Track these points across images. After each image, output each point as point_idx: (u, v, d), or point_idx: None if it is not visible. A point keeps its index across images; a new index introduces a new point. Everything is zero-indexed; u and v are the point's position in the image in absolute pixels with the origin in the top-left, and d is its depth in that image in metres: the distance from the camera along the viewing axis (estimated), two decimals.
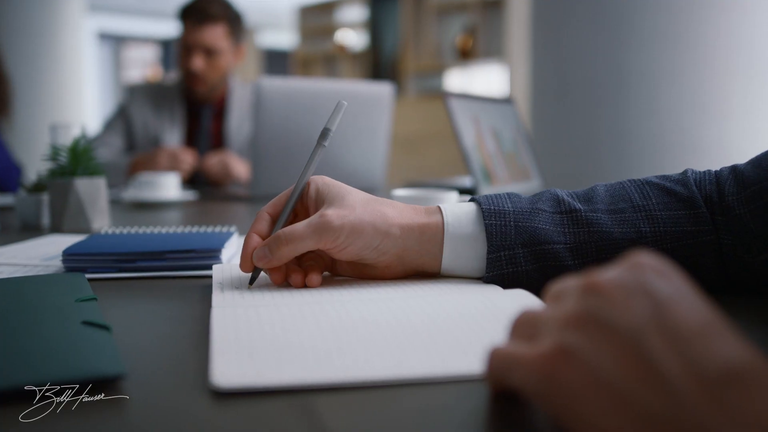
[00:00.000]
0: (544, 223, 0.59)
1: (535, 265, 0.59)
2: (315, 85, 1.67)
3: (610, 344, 0.28)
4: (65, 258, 0.70)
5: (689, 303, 0.29)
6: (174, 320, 0.53)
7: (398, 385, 0.38)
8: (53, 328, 0.46)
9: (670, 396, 0.26)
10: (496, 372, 0.34)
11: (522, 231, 0.59)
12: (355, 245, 0.58)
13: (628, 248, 0.57)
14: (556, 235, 0.59)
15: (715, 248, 0.58)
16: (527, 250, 0.59)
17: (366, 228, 0.58)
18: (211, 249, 0.71)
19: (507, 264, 0.59)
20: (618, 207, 0.60)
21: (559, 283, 0.35)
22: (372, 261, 0.60)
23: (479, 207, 0.61)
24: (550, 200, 0.61)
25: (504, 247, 0.59)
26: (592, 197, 0.61)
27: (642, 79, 1.90)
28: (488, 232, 0.59)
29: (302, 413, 0.34)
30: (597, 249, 0.58)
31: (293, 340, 0.43)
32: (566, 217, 0.59)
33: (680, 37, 1.86)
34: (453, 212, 0.61)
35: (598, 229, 0.59)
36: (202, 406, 0.35)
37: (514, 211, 0.60)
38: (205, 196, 1.72)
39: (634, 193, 0.61)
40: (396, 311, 0.49)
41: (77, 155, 1.04)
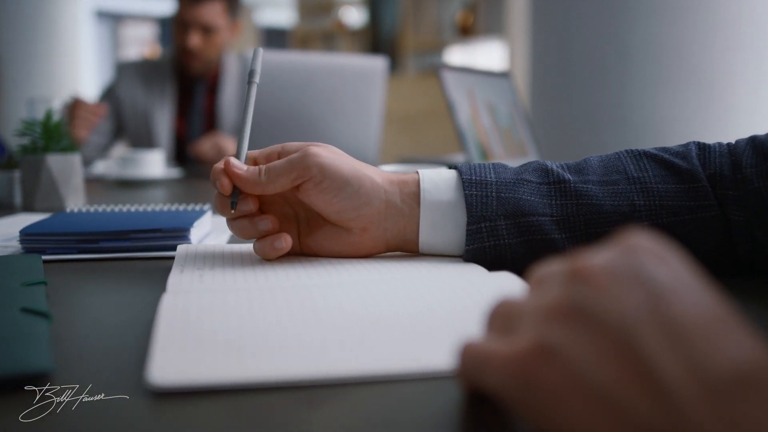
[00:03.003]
0: (530, 194, 0.56)
1: (519, 238, 0.55)
2: (306, 59, 1.62)
3: (598, 341, 0.24)
4: (23, 238, 0.66)
5: (691, 293, 0.25)
6: (129, 307, 0.49)
7: (363, 383, 0.34)
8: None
9: (668, 403, 0.22)
10: (468, 371, 0.30)
11: (504, 202, 0.55)
12: (335, 184, 0.55)
13: (620, 222, 0.54)
14: (542, 206, 0.55)
15: (718, 225, 0.55)
16: (510, 222, 0.55)
17: (346, 167, 0.56)
18: (179, 228, 0.67)
19: (488, 236, 0.55)
20: (611, 178, 0.56)
21: (543, 267, 0.30)
22: (352, 217, 0.56)
23: (459, 176, 0.57)
24: (538, 170, 0.57)
25: (485, 218, 0.55)
26: (583, 168, 0.57)
27: (644, 54, 1.86)
28: (468, 202, 0.55)
29: (252, 416, 0.30)
30: (586, 222, 0.55)
31: (248, 332, 0.39)
32: (554, 188, 0.56)
33: (683, 10, 1.82)
34: (430, 178, 0.57)
35: (587, 201, 0.55)
36: (137, 407, 0.31)
37: (497, 182, 0.56)
38: (191, 174, 1.68)
39: (629, 164, 0.57)
40: (365, 298, 0.45)
41: (50, 130, 1.00)
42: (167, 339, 0.37)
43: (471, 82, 1.33)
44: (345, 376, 0.33)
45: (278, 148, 0.60)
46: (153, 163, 1.46)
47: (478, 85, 1.36)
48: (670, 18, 1.86)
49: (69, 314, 0.48)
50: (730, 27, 1.83)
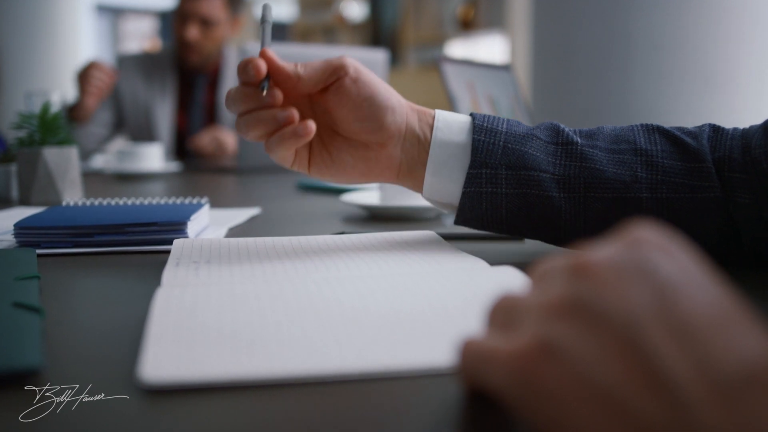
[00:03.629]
0: (536, 150, 0.56)
1: (517, 190, 0.56)
2: (304, 52, 1.60)
3: (602, 338, 0.23)
4: (17, 232, 0.65)
5: (699, 288, 0.24)
6: (124, 301, 0.48)
7: (361, 380, 0.33)
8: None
9: (674, 403, 0.21)
10: (468, 368, 0.29)
11: (510, 152, 0.56)
12: (368, 87, 0.56)
13: (619, 190, 0.55)
14: (546, 164, 0.56)
15: (717, 208, 0.55)
16: (511, 172, 0.56)
17: (375, 77, 0.57)
18: (176, 222, 0.66)
19: (487, 182, 0.56)
20: (619, 147, 0.57)
21: (546, 261, 0.29)
22: (376, 127, 0.56)
23: (473, 121, 0.58)
24: (549, 130, 0.58)
25: (487, 164, 0.56)
26: (594, 134, 0.58)
27: (646, 46, 1.85)
28: (474, 146, 0.56)
29: (251, 415, 0.29)
30: (586, 185, 0.56)
31: (244, 327, 0.38)
32: (561, 148, 0.57)
33: (686, 3, 1.80)
34: (444, 118, 0.58)
35: (590, 165, 0.56)
36: (137, 407, 0.30)
37: (506, 132, 0.57)
38: (190, 168, 1.67)
39: (640, 136, 0.57)
40: (364, 293, 0.44)
41: (46, 123, 0.99)
42: (160, 335, 0.36)
43: (471, 75, 1.32)
44: (343, 373, 0.33)
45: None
46: (152, 156, 1.44)
47: (479, 77, 1.35)
48: (673, 10, 1.84)
49: (63, 309, 0.47)
50: (735, 19, 1.81)
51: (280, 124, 0.54)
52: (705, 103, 1.83)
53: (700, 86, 1.83)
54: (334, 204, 1.01)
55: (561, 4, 2.07)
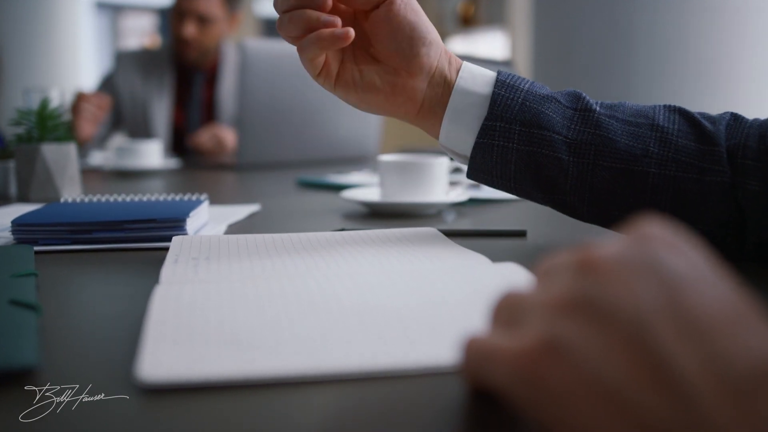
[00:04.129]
0: (553, 112, 0.57)
1: (528, 147, 0.57)
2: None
3: (609, 336, 0.23)
4: (14, 229, 0.64)
5: (708, 284, 0.23)
6: (122, 299, 0.48)
7: (362, 378, 0.32)
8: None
9: (684, 401, 0.21)
10: (472, 366, 0.28)
11: (527, 110, 0.57)
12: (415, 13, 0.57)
13: (628, 161, 0.56)
14: (560, 126, 0.57)
15: (724, 192, 0.55)
16: (525, 129, 0.57)
17: (422, 13, 0.58)
18: (175, 219, 0.65)
19: (499, 136, 0.57)
20: (636, 120, 0.57)
21: (551, 258, 0.28)
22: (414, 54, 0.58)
23: (497, 76, 0.59)
24: (571, 95, 0.59)
25: (503, 118, 0.57)
26: (615, 106, 0.59)
27: (647, 43, 1.84)
28: (492, 99, 0.57)
29: (248, 413, 0.29)
30: (596, 152, 0.56)
31: (243, 325, 0.37)
32: (578, 114, 0.57)
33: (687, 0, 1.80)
34: (470, 70, 0.59)
35: (603, 133, 0.56)
36: (137, 407, 0.30)
37: (527, 90, 0.58)
38: (189, 165, 1.66)
39: (660, 114, 0.58)
40: (365, 290, 0.43)
41: (44, 119, 0.98)
42: (158, 333, 0.36)
43: None
44: (344, 372, 0.32)
45: None
46: (151, 153, 1.44)
47: None
48: (674, 7, 1.84)
49: (61, 306, 0.46)
50: (736, 14, 1.81)
51: (322, 26, 0.55)
52: (706, 98, 1.82)
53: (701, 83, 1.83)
54: (334, 200, 1.00)
55: (562, 1, 2.07)
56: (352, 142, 1.69)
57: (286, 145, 1.55)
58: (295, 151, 1.58)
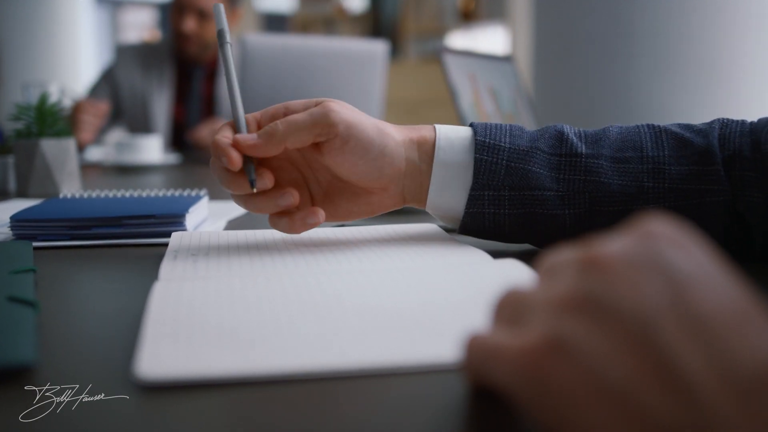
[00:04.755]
0: (539, 167, 0.55)
1: (521, 210, 0.55)
2: (304, 43, 1.59)
3: (613, 334, 0.22)
4: (13, 224, 0.64)
5: (714, 283, 0.23)
6: (122, 295, 0.47)
7: (363, 376, 0.32)
8: None
9: (689, 401, 0.20)
10: (474, 365, 0.28)
11: (513, 172, 0.54)
12: (361, 144, 0.53)
13: (626, 202, 0.54)
14: (549, 180, 0.54)
15: (725, 210, 0.53)
16: (515, 193, 0.55)
17: (369, 127, 0.54)
18: (174, 215, 0.65)
19: (489, 204, 0.55)
20: (625, 155, 0.55)
21: (554, 254, 0.28)
22: (375, 177, 0.55)
23: (474, 136, 0.56)
24: (553, 138, 0.56)
25: (490, 186, 0.55)
26: (600, 139, 0.56)
27: (649, 37, 1.83)
28: (476, 167, 0.55)
29: (248, 411, 0.28)
30: (591, 199, 0.54)
31: (243, 322, 0.37)
32: (564, 161, 0.55)
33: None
34: (446, 137, 0.56)
35: (595, 179, 0.54)
36: (137, 406, 0.29)
37: (509, 149, 0.55)
38: (189, 160, 1.66)
39: (647, 141, 0.56)
40: (365, 287, 0.43)
41: (43, 115, 0.98)
42: (157, 330, 0.35)
43: (473, 66, 1.31)
44: (345, 369, 0.32)
45: (281, 108, 0.56)
46: (150, 148, 1.43)
47: (481, 69, 1.34)
48: (676, 3, 1.83)
49: (60, 303, 0.46)
50: (738, 11, 1.80)
51: (282, 209, 0.54)
52: (708, 94, 1.82)
53: (703, 78, 1.82)
54: None
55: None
56: None
57: None
58: None
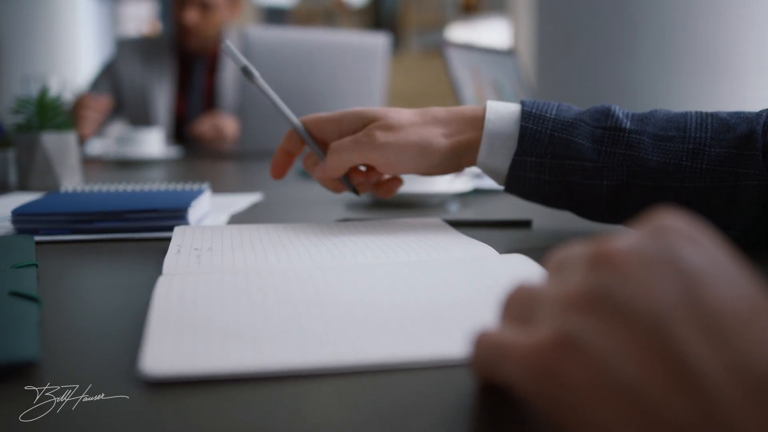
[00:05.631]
0: (582, 138, 0.57)
1: (560, 177, 0.58)
2: (306, 36, 1.58)
3: (626, 332, 0.22)
4: (14, 218, 0.64)
5: (728, 280, 0.22)
6: (124, 290, 0.47)
7: (369, 371, 0.31)
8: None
9: (704, 400, 0.20)
10: (483, 361, 0.27)
11: (556, 141, 0.57)
12: (404, 164, 0.61)
13: (662, 179, 0.56)
14: (590, 152, 0.57)
15: (758, 194, 0.54)
16: (556, 161, 0.57)
17: (413, 144, 0.60)
18: (176, 209, 0.64)
19: (530, 169, 0.58)
20: (667, 134, 0.57)
21: (563, 250, 0.28)
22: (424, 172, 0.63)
23: (522, 108, 0.59)
24: (599, 113, 0.58)
25: (533, 153, 0.58)
26: (646, 118, 0.58)
27: (652, 30, 1.83)
28: (521, 133, 0.58)
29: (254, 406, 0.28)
30: (629, 172, 0.56)
31: (247, 317, 0.36)
32: (607, 134, 0.57)
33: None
34: (497, 111, 0.60)
35: (635, 153, 0.56)
36: (138, 405, 0.29)
37: (554, 119, 0.58)
38: (190, 154, 1.65)
39: (692, 123, 0.57)
40: (371, 282, 0.43)
41: (44, 108, 0.97)
42: (162, 326, 0.35)
43: (476, 60, 1.30)
44: (351, 365, 0.31)
45: (335, 121, 0.63)
46: (151, 142, 1.43)
47: (483, 62, 1.33)
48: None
49: (62, 298, 0.45)
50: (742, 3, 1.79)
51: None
52: (710, 88, 1.81)
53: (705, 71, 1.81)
54: None
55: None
56: None
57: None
58: None
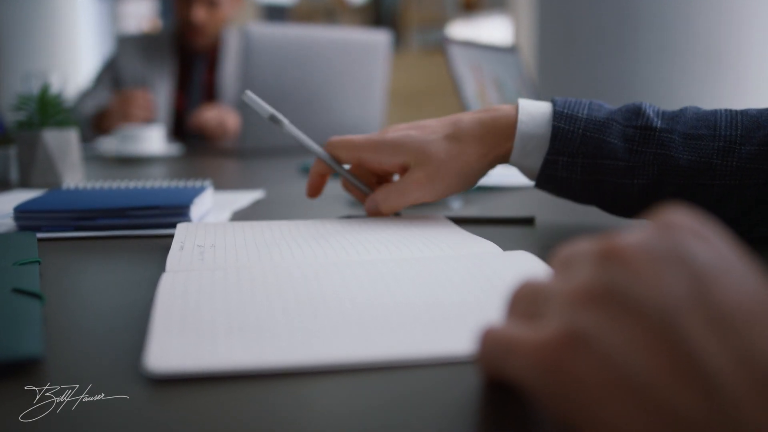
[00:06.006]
0: (614, 137, 0.58)
1: (591, 177, 0.58)
2: (307, 33, 1.58)
3: (635, 328, 0.22)
4: (17, 215, 0.63)
5: (737, 275, 0.22)
6: (127, 287, 0.47)
7: (375, 368, 0.31)
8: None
9: (713, 396, 0.20)
10: (489, 358, 0.27)
11: (588, 141, 0.58)
12: (445, 194, 0.64)
13: (692, 177, 0.56)
14: (622, 152, 0.57)
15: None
16: (588, 161, 0.58)
17: (454, 180, 0.63)
18: (178, 205, 0.64)
19: (562, 168, 0.59)
20: (697, 132, 0.57)
21: (569, 246, 0.27)
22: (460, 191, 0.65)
23: (554, 108, 0.60)
24: (630, 112, 0.59)
25: (565, 152, 0.58)
26: (676, 116, 0.58)
27: (654, 27, 1.82)
28: (553, 133, 0.59)
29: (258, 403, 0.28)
30: (659, 171, 0.57)
31: (252, 314, 0.36)
32: (638, 133, 0.57)
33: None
34: (528, 111, 0.61)
35: (665, 152, 0.56)
36: (134, 397, 0.29)
37: (586, 119, 0.59)
38: (191, 150, 1.65)
39: (722, 120, 0.57)
40: (375, 278, 0.42)
41: (45, 105, 0.97)
42: (166, 323, 0.35)
43: (478, 57, 1.30)
44: (355, 362, 0.31)
45: (372, 146, 0.66)
46: (152, 139, 1.43)
47: (485, 60, 1.33)
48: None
49: (64, 295, 0.45)
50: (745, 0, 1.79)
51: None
52: (712, 84, 1.81)
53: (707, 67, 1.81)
54: (338, 187, 0.99)
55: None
56: (355, 127, 1.68)
57: (287, 131, 1.54)
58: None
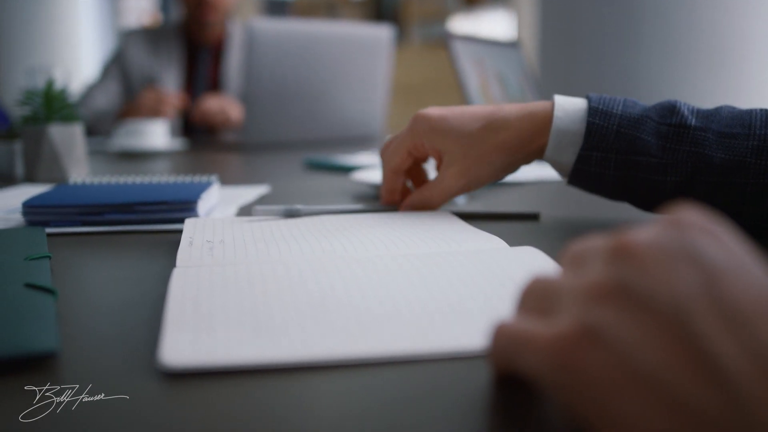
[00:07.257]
0: (648, 134, 0.58)
1: (624, 172, 0.59)
2: (310, 28, 1.58)
3: (647, 323, 0.22)
4: (25, 210, 0.64)
5: (747, 272, 0.23)
6: (137, 282, 0.47)
7: (387, 363, 0.32)
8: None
9: (726, 390, 0.20)
10: (501, 353, 0.28)
11: (622, 138, 0.58)
12: (478, 183, 0.65)
13: (726, 175, 0.56)
14: (656, 149, 0.58)
15: None
16: (621, 157, 0.59)
17: (487, 172, 0.64)
18: (186, 201, 0.64)
19: (595, 164, 0.59)
20: (732, 131, 0.57)
21: (580, 243, 0.28)
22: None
23: (589, 104, 0.61)
24: (665, 109, 0.59)
25: (599, 148, 0.59)
26: (711, 115, 0.59)
27: (656, 21, 1.82)
28: (588, 129, 0.59)
29: (272, 397, 0.28)
30: (692, 169, 0.57)
31: (262, 309, 0.37)
32: (672, 130, 0.58)
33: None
34: (563, 108, 0.62)
35: (699, 150, 0.57)
36: (150, 390, 0.29)
37: (621, 116, 0.59)
38: (195, 145, 1.65)
39: (757, 120, 0.57)
40: (384, 273, 0.43)
41: (51, 100, 0.97)
42: (179, 318, 0.35)
43: (480, 52, 1.30)
44: (367, 357, 0.32)
45: (408, 160, 0.67)
46: (157, 133, 1.43)
47: (488, 54, 1.33)
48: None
49: (73, 290, 0.46)
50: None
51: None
52: (714, 79, 1.81)
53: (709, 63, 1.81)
54: (342, 182, 1.00)
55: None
56: (358, 122, 1.68)
57: (292, 125, 1.55)
58: (301, 131, 1.58)
